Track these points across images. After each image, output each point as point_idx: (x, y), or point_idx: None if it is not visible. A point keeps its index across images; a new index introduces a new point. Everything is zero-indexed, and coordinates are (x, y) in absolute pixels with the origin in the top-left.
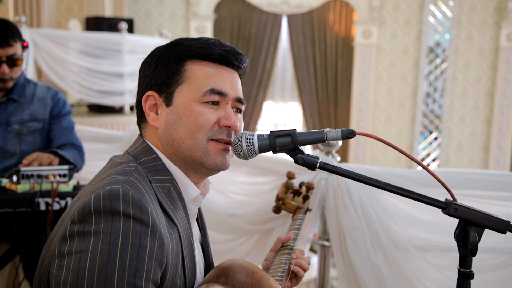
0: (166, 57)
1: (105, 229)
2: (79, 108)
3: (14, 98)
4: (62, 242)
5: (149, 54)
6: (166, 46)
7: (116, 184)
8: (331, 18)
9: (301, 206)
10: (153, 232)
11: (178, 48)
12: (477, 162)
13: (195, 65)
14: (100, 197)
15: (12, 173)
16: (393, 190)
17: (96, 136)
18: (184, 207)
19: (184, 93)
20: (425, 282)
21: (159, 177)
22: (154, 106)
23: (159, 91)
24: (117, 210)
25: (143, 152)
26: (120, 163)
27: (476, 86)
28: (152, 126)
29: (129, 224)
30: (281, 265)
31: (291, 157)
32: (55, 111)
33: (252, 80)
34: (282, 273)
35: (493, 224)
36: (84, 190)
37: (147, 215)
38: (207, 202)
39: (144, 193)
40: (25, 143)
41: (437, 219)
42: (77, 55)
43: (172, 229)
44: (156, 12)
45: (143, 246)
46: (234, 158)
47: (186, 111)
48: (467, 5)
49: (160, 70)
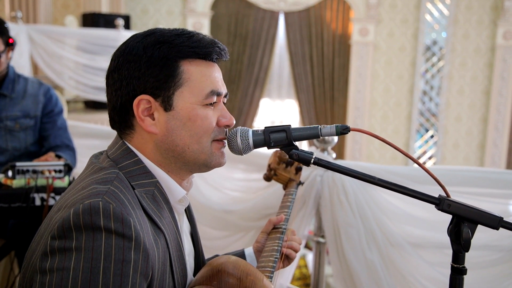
0: (157, 57)
1: (86, 245)
2: (75, 104)
3: (4, 93)
4: (43, 258)
5: (127, 50)
6: (154, 44)
7: (96, 197)
8: (328, 16)
9: (293, 178)
10: (136, 245)
11: (169, 47)
12: (473, 160)
13: (191, 66)
14: (79, 212)
15: (8, 168)
16: (387, 186)
17: (92, 132)
18: (170, 209)
19: (185, 97)
20: (419, 279)
21: (142, 181)
22: (147, 110)
23: (154, 94)
24: (98, 225)
25: (123, 156)
26: (100, 169)
27: (473, 85)
28: (149, 131)
29: (111, 239)
30: (273, 253)
31: (285, 152)
32: (48, 108)
33: (249, 78)
34: (274, 263)
35: (486, 220)
36: (63, 200)
37: (129, 229)
38: (202, 198)
39: (126, 203)
40: (17, 139)
41: (431, 216)
42: (73, 51)
43: (158, 236)
44: (153, 9)
45: (126, 261)
46: (231, 155)
47: (190, 116)
48: (464, 3)
49: (153, 72)
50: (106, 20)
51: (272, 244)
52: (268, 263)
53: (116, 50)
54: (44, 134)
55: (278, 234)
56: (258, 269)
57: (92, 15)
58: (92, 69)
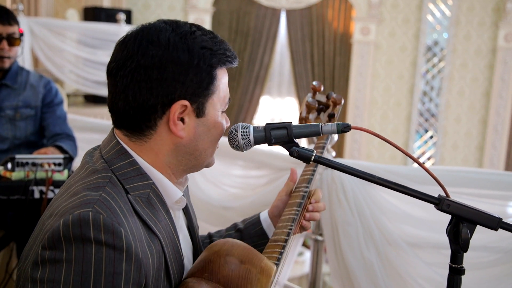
0: (203, 65)
1: (76, 257)
2: (75, 98)
3: (7, 84)
4: (34, 267)
5: (170, 49)
6: (198, 49)
7: (86, 207)
8: (329, 14)
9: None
10: (128, 256)
11: (211, 54)
12: (471, 162)
13: (221, 73)
14: (69, 223)
15: (7, 160)
16: (386, 184)
17: (92, 126)
18: (166, 211)
19: (215, 104)
20: (416, 278)
21: (137, 184)
22: (179, 113)
23: (191, 100)
24: (88, 237)
25: (117, 156)
26: (94, 171)
27: (473, 86)
28: (178, 136)
29: (102, 252)
30: (288, 223)
31: (286, 149)
32: (47, 99)
33: (249, 75)
34: (287, 236)
35: (485, 220)
36: (56, 204)
37: (120, 240)
38: (201, 194)
39: (118, 211)
40: (18, 128)
41: (430, 216)
42: (74, 45)
43: (153, 241)
44: (155, 4)
45: (117, 273)
46: (230, 151)
47: (215, 123)
48: (466, 4)
49: (197, 79)
50: (108, 14)
51: (289, 212)
52: (281, 235)
53: (142, 39)
54: (44, 123)
55: (298, 200)
56: (270, 243)
57: (94, 9)
58: (92, 63)
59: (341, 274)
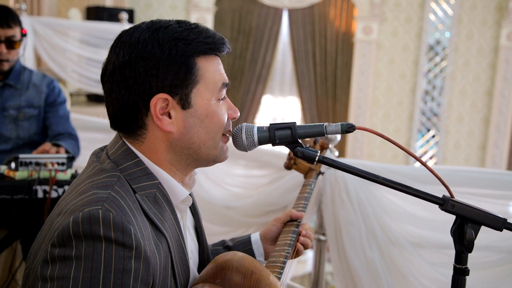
0: (175, 55)
1: (86, 254)
2: (78, 97)
3: (10, 84)
4: (43, 265)
5: (139, 46)
6: (169, 41)
7: (96, 205)
8: (331, 14)
9: (313, 168)
10: (137, 254)
11: (185, 44)
12: (474, 161)
13: (205, 61)
14: (78, 221)
15: (11, 160)
16: (391, 185)
17: (94, 126)
18: (172, 211)
19: (202, 94)
20: (419, 278)
21: (144, 183)
22: (163, 108)
23: (172, 93)
24: (98, 234)
25: (124, 157)
26: (101, 171)
27: (475, 85)
28: (166, 131)
29: (111, 249)
30: (285, 248)
31: (290, 150)
32: (50, 98)
33: (251, 74)
34: (285, 258)
35: (490, 221)
36: (64, 202)
37: (130, 237)
38: (204, 194)
39: (127, 209)
40: (21, 128)
41: (433, 216)
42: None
43: (160, 240)
44: (157, 3)
45: (127, 271)
46: (232, 150)
47: (208, 112)
48: (468, 3)
49: (171, 70)
50: (110, 13)
51: (285, 238)
52: (280, 258)
53: (118, 42)
54: (46, 123)
55: (292, 228)
56: (269, 264)
57: (96, 8)
58: (95, 62)
59: (344, 274)
